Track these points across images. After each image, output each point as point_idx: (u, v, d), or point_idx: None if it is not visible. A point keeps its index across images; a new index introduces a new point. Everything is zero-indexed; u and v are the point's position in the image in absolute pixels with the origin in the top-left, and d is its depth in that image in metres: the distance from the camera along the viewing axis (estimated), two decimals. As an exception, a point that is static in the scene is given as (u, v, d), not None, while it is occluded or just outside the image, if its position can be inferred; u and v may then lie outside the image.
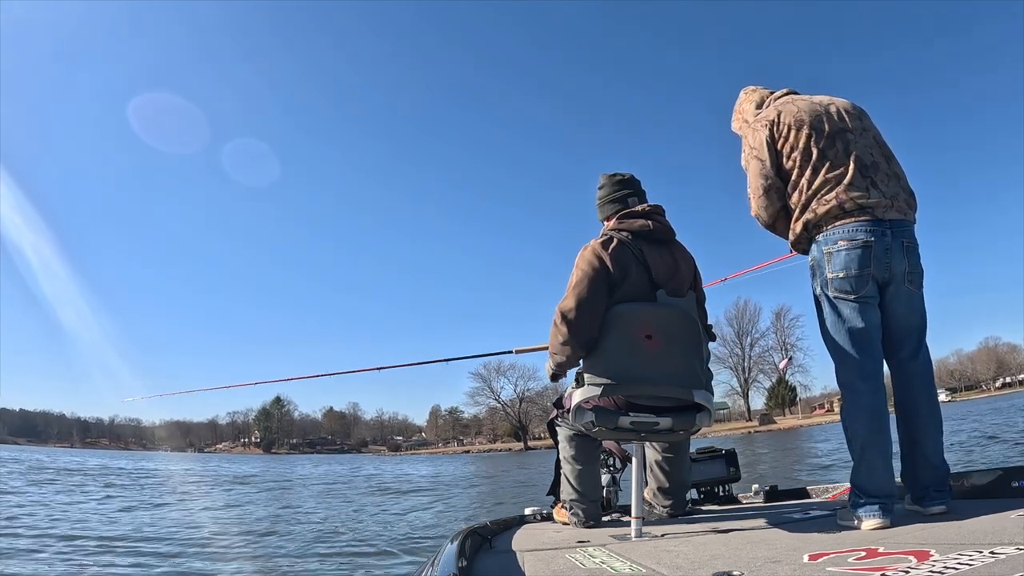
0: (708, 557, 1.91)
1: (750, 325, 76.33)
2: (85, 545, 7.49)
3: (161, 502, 13.92)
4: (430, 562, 2.14)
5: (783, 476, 12.89)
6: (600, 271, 2.65)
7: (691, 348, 2.67)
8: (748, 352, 76.78)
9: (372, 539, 8.31)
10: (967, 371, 79.51)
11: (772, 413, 72.85)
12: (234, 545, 7.91)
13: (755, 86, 2.89)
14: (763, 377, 77.33)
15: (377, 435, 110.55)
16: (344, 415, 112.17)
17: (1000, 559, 1.47)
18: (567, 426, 3.04)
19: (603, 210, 3.00)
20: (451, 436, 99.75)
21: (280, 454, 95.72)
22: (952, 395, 70.54)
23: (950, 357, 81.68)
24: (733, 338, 77.14)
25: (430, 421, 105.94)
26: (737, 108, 2.90)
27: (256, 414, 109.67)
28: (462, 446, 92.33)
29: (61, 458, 40.71)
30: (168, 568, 6.43)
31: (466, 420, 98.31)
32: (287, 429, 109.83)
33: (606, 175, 3.04)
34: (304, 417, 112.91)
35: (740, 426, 70.82)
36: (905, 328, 2.47)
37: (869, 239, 2.36)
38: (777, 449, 25.07)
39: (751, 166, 2.63)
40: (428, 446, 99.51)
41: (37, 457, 40.42)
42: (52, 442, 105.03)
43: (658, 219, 2.90)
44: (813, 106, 2.56)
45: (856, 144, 2.48)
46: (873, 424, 2.33)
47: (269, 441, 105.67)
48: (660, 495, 3.21)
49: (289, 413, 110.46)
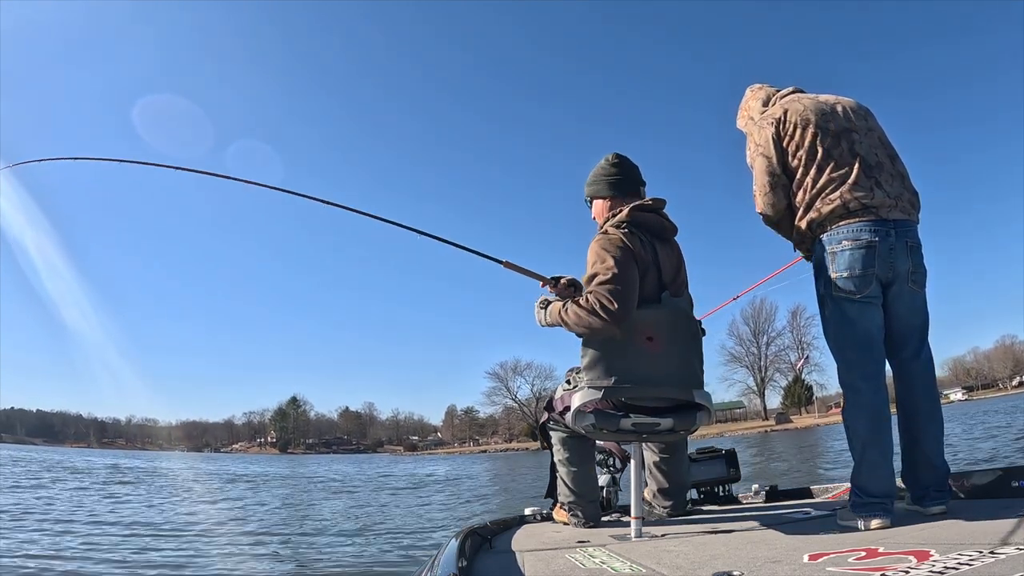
0: (708, 557, 1.91)
1: (766, 324, 76.08)
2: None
3: (179, 499, 14.08)
4: (430, 562, 2.14)
5: (806, 475, 12.82)
6: (634, 263, 2.61)
7: (691, 348, 2.67)
8: (764, 351, 76.60)
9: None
10: (983, 369, 78.56)
11: (788, 412, 72.37)
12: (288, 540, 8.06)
13: (761, 84, 2.88)
14: (779, 376, 77.06)
15: (393, 435, 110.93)
16: (360, 415, 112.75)
17: (1000, 559, 1.47)
18: (560, 428, 3.00)
19: (602, 187, 2.93)
20: (467, 436, 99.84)
21: (296, 454, 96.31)
22: (969, 394, 69.73)
23: (967, 355, 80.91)
24: (749, 337, 77.06)
25: (446, 421, 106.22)
26: (743, 105, 2.89)
27: (272, 414, 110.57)
28: (478, 446, 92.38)
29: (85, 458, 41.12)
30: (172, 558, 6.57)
31: (481, 420, 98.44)
32: (303, 429, 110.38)
33: (621, 155, 2.97)
34: (320, 417, 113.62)
35: (756, 425, 70.44)
36: (908, 328, 2.46)
37: (873, 239, 2.35)
38: (794, 448, 24.97)
39: (757, 163, 2.62)
40: (444, 446, 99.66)
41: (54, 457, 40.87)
42: (69, 442, 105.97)
43: (666, 216, 2.89)
44: (819, 105, 2.55)
45: (861, 144, 2.48)
46: (875, 424, 2.32)
47: (285, 441, 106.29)
48: (660, 495, 3.19)
49: (305, 413, 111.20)
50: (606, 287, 2.53)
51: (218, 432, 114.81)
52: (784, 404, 75.22)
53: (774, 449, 25.94)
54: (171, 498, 14.58)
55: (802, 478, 11.65)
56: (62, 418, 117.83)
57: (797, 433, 48.33)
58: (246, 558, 6.71)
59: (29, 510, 10.57)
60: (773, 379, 77.40)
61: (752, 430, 65.85)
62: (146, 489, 16.96)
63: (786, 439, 36.60)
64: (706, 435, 63.69)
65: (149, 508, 11.86)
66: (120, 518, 9.97)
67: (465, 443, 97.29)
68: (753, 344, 77.14)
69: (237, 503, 13.87)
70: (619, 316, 2.50)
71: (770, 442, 34.66)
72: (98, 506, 11.97)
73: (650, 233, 2.78)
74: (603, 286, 2.54)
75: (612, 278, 2.54)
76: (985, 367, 78.42)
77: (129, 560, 6.46)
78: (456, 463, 44.40)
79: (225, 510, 12.36)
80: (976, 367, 79.42)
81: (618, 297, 2.51)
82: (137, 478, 21.67)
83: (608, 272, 2.56)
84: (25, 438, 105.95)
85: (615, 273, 2.55)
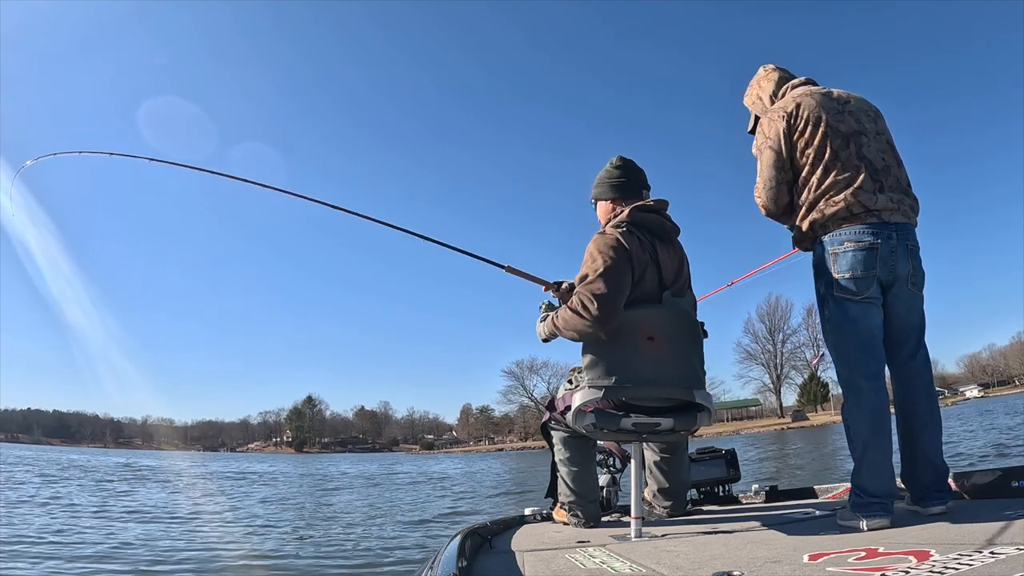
0: (708, 557, 1.90)
1: (782, 321, 75.89)
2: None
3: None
4: (430, 562, 2.15)
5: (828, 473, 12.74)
6: (628, 263, 2.60)
7: (691, 348, 2.66)
8: (780, 348, 76.45)
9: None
10: (999, 366, 77.76)
11: (804, 409, 72.02)
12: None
13: (775, 65, 2.84)
14: (795, 373, 76.86)
15: (408, 434, 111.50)
16: (375, 414, 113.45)
17: (1000, 559, 1.47)
18: (561, 428, 3.01)
19: (605, 189, 2.94)
20: (483, 434, 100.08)
21: (312, 453, 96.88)
22: (985, 390, 69.15)
23: (983, 352, 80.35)
24: (765, 334, 76.95)
25: (461, 419, 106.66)
26: (754, 83, 2.85)
27: (288, 414, 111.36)
28: (493, 444, 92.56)
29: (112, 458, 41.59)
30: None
31: (497, 418, 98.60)
32: (318, 428, 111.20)
33: (624, 158, 2.98)
34: (335, 416, 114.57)
35: (772, 423, 70.23)
36: (905, 329, 2.46)
37: (875, 241, 2.36)
38: (811, 445, 24.80)
39: (764, 156, 2.61)
40: (460, 444, 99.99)
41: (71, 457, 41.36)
42: (86, 442, 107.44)
43: (668, 216, 2.88)
44: (831, 102, 2.53)
45: (869, 147, 2.47)
46: (875, 424, 2.31)
47: (301, 440, 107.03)
48: (660, 495, 3.19)
49: (320, 412, 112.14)
50: (590, 287, 2.54)
51: (234, 432, 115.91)
52: (800, 401, 74.93)
53: (791, 447, 25.81)
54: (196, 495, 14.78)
55: (830, 476, 11.57)
56: (79, 419, 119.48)
57: (813, 431, 48.02)
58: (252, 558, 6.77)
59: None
60: (789, 376, 77.37)
61: (768, 428, 65.57)
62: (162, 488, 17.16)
63: (803, 437, 36.38)
64: (722, 433, 63.58)
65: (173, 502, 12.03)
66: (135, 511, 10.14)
67: (481, 441, 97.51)
68: (769, 341, 77.13)
69: (260, 501, 14.02)
70: (601, 318, 2.50)
71: (787, 440, 34.44)
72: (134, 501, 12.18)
73: (650, 233, 2.77)
74: (589, 287, 2.55)
75: (598, 279, 2.54)
76: (1001, 364, 77.67)
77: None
78: (477, 461, 44.49)
79: (230, 506, 12.56)
80: (992, 364, 78.65)
81: (601, 298, 2.51)
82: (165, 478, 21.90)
83: (595, 273, 2.56)
84: (42, 438, 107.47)
85: (601, 274, 2.54)
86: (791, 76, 2.76)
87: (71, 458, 38.17)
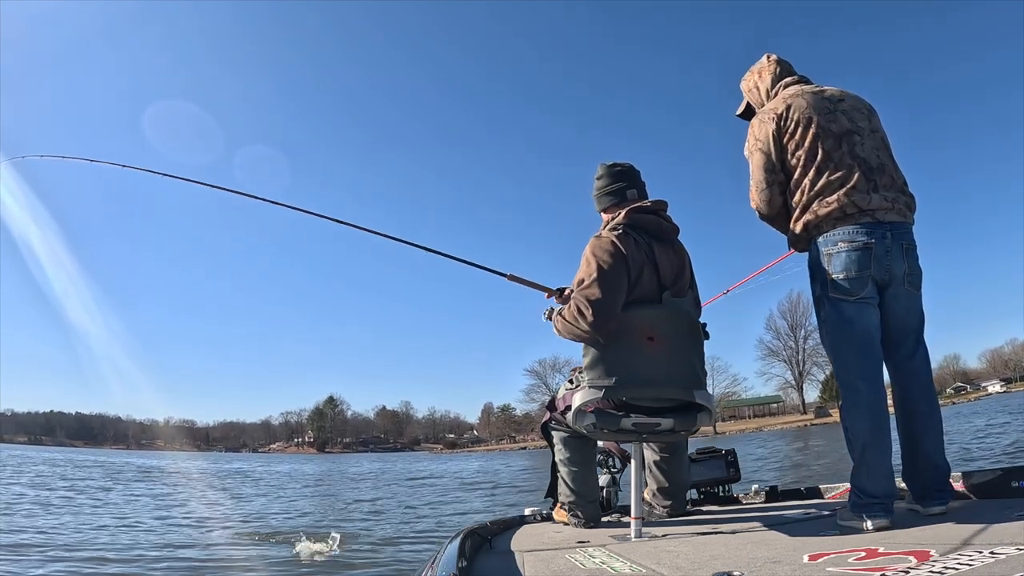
0: (708, 557, 1.90)
1: (803, 318, 74.78)
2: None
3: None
4: (430, 562, 2.16)
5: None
6: (623, 266, 2.61)
7: (692, 348, 2.65)
8: (802, 345, 75.45)
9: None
10: (1022, 361, 76.42)
11: (827, 406, 71.31)
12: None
13: (778, 57, 2.79)
14: (817, 370, 75.83)
15: (429, 433, 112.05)
16: (397, 414, 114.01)
17: (1000, 559, 1.46)
18: (562, 428, 3.01)
19: (601, 201, 2.95)
20: (504, 433, 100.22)
21: (334, 453, 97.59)
22: (1007, 386, 68.06)
23: (1004, 347, 78.84)
24: (787, 331, 76.14)
25: (482, 418, 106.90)
26: (755, 69, 2.81)
27: (310, 414, 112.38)
28: (515, 443, 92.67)
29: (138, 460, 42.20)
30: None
31: (518, 417, 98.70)
32: (340, 428, 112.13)
33: (604, 165, 2.99)
34: (357, 416, 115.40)
35: (795, 419, 69.67)
36: (904, 328, 2.44)
37: (870, 241, 2.34)
38: (836, 442, 24.51)
39: (755, 158, 2.59)
40: (483, 443, 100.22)
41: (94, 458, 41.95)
42: (108, 444, 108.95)
43: (666, 217, 2.87)
44: (823, 102, 2.50)
45: (863, 146, 2.44)
46: (874, 424, 2.30)
47: (323, 441, 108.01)
48: (660, 495, 3.19)
49: (342, 412, 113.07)
50: (585, 293, 2.56)
51: (255, 432, 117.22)
52: (822, 398, 74.15)
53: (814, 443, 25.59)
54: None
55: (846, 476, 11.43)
56: (101, 421, 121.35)
57: (836, 427, 47.27)
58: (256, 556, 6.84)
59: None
60: (811, 373, 76.43)
61: (791, 424, 65.08)
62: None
63: (826, 433, 36.00)
64: (745, 430, 63.16)
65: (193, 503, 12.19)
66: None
67: (503, 440, 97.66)
68: (791, 338, 76.25)
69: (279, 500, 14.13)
70: (596, 323, 2.52)
71: (811, 436, 34.10)
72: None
73: (647, 234, 2.77)
74: (584, 292, 2.57)
75: (593, 283, 2.56)
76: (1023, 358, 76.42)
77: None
78: (512, 458, 44.54)
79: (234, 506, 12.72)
80: (1015, 359, 77.33)
81: (596, 303, 2.52)
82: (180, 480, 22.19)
83: (590, 278, 2.57)
84: (65, 440, 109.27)
85: (596, 278, 2.56)
86: (791, 71, 2.73)
87: (98, 459, 38.74)
